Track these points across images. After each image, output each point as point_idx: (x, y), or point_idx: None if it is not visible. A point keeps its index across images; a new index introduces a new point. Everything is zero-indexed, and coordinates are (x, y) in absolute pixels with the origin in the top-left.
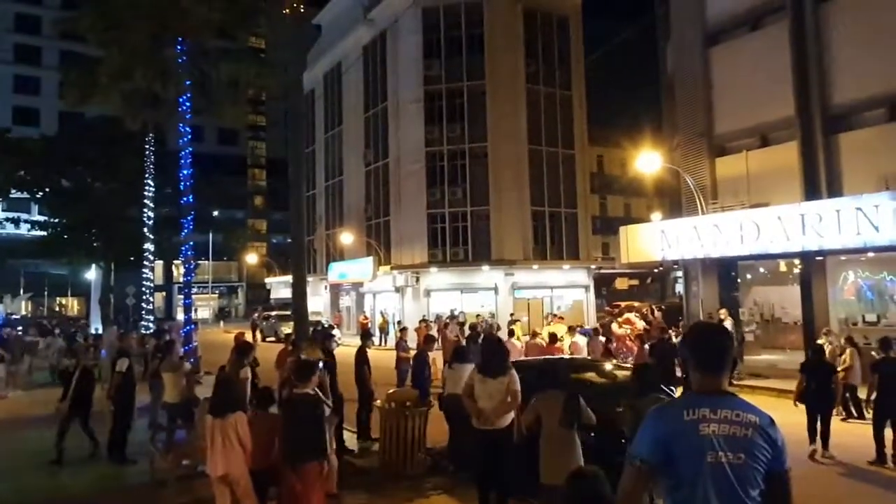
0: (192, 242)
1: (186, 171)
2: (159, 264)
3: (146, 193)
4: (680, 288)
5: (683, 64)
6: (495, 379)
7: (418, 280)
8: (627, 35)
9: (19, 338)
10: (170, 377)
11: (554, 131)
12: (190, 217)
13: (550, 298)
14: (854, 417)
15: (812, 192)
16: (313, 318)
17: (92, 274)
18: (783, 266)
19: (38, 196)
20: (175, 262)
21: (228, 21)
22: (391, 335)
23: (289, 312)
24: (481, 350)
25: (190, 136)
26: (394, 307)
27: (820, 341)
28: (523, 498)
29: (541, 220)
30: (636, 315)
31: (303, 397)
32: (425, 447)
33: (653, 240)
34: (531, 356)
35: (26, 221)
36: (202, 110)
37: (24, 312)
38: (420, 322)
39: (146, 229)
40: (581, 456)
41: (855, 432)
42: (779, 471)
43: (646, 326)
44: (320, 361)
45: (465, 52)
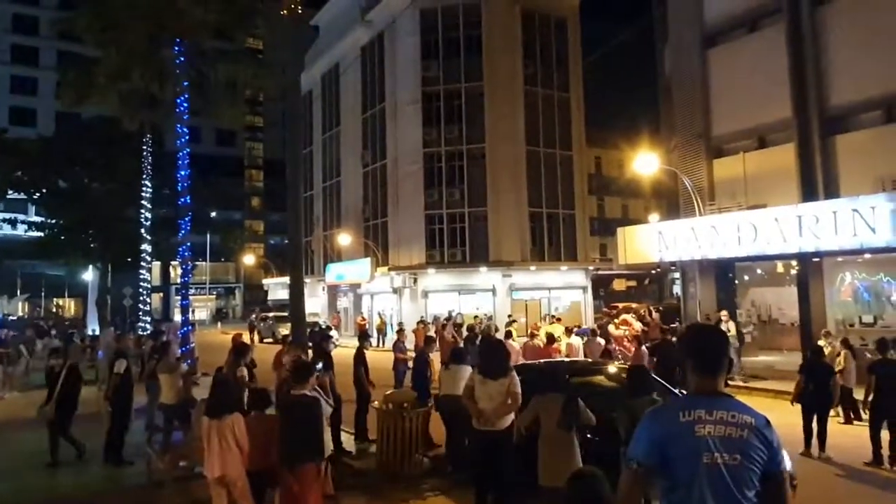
0: (190, 243)
1: (184, 172)
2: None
3: (143, 194)
4: (677, 289)
5: (681, 66)
6: (496, 380)
7: (416, 281)
8: (625, 37)
9: (16, 338)
10: (166, 378)
11: (552, 133)
12: (187, 218)
13: (548, 300)
14: (852, 421)
15: (809, 194)
16: (311, 320)
17: (89, 275)
18: (780, 267)
19: (35, 197)
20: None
21: (226, 22)
22: (389, 336)
23: (286, 314)
24: (481, 351)
25: (187, 137)
26: (391, 308)
27: (820, 342)
28: (522, 499)
29: (538, 222)
30: (633, 316)
31: (300, 398)
32: (423, 448)
33: (650, 241)
34: (529, 357)
35: (23, 222)
36: (200, 111)
37: (21, 313)
38: (418, 323)
39: (143, 230)
40: (579, 458)
41: (852, 433)
42: (775, 472)
43: (643, 328)
44: (320, 362)
45: (463, 54)
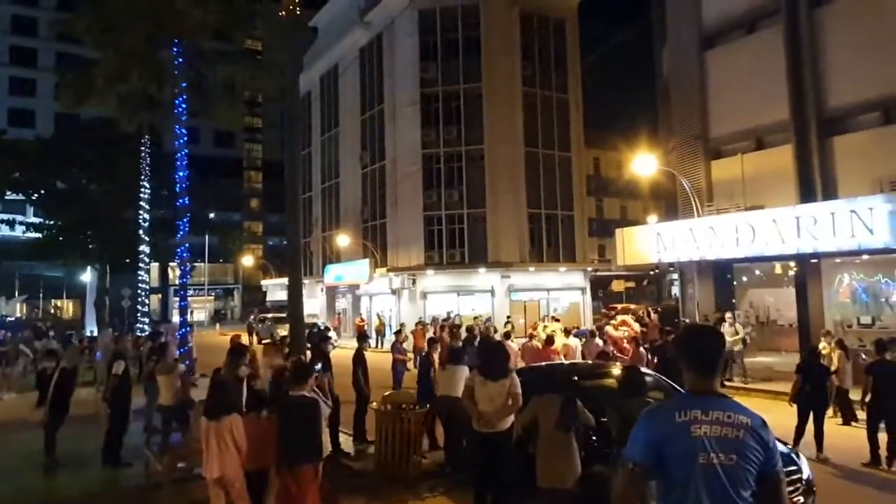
0: (188, 244)
1: (182, 173)
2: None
3: (142, 195)
4: (676, 290)
5: (679, 67)
6: (496, 381)
7: (415, 282)
8: (624, 38)
9: (14, 339)
10: (164, 379)
11: (550, 134)
12: (186, 219)
13: (547, 301)
14: (850, 422)
15: (807, 195)
16: (309, 321)
17: (87, 276)
18: (778, 268)
19: (34, 198)
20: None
21: (225, 23)
22: (388, 337)
23: (285, 315)
24: (481, 353)
25: (186, 138)
26: (389, 310)
27: (822, 344)
28: (521, 500)
29: (537, 223)
30: (632, 317)
31: (298, 399)
32: (427, 449)
33: (649, 242)
34: (527, 358)
35: (21, 223)
36: (198, 112)
37: (19, 314)
38: (416, 324)
39: (142, 231)
40: (578, 459)
41: (850, 435)
42: (770, 472)
43: (642, 329)
44: (318, 363)
45: (462, 55)
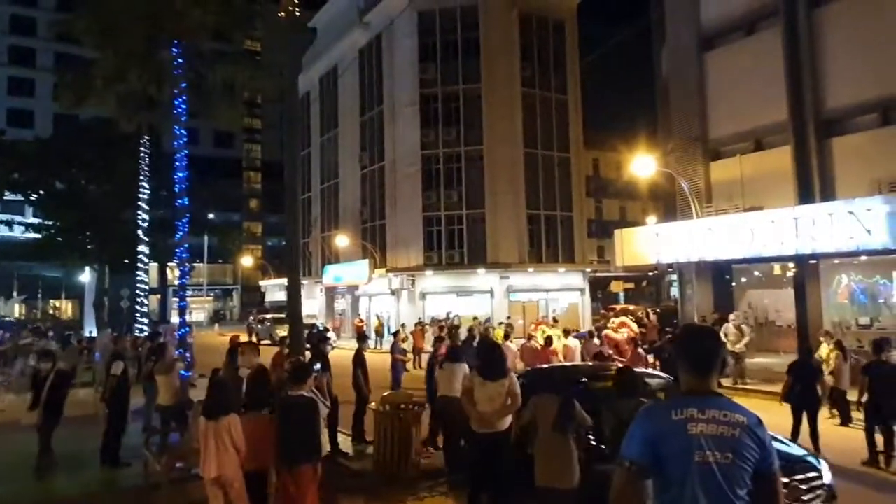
0: (187, 245)
1: (181, 174)
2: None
3: (141, 196)
4: (675, 291)
5: (678, 68)
6: (495, 382)
7: (414, 283)
8: (623, 39)
9: (13, 340)
10: (163, 380)
11: (549, 135)
12: (185, 219)
13: (546, 301)
14: (848, 423)
15: (805, 196)
16: (308, 322)
17: (86, 276)
18: (777, 269)
19: (33, 198)
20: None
21: (224, 23)
22: (387, 338)
23: (284, 315)
24: (479, 353)
25: (185, 139)
26: (388, 311)
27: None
28: (520, 500)
29: (536, 224)
30: (631, 318)
31: (297, 399)
32: (420, 450)
33: (648, 243)
34: (526, 359)
35: (20, 224)
36: (198, 113)
37: (18, 315)
38: (416, 325)
39: (141, 231)
40: (576, 459)
41: (847, 435)
42: (767, 470)
43: (641, 329)
44: (317, 363)
45: (461, 56)
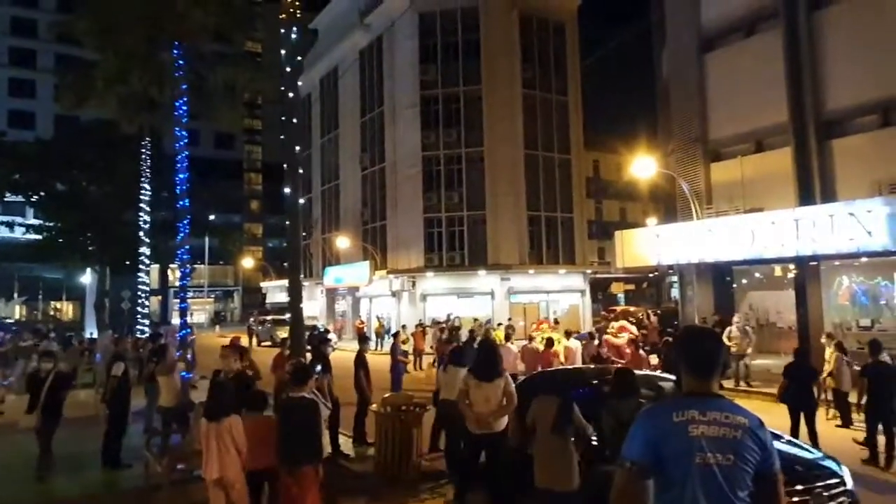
0: (188, 246)
1: (182, 175)
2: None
3: (142, 197)
4: (675, 293)
5: (678, 69)
6: (491, 382)
7: (414, 284)
8: (623, 41)
9: (14, 341)
10: (165, 381)
11: (550, 136)
12: (186, 221)
13: (546, 303)
14: (849, 425)
15: (806, 198)
16: (309, 323)
17: (87, 278)
18: (778, 271)
19: (33, 199)
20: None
21: (225, 25)
22: (388, 340)
23: (284, 317)
24: (475, 354)
25: (186, 140)
26: (390, 312)
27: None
28: (519, 501)
29: (537, 225)
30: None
31: (299, 401)
32: (422, 452)
33: (648, 244)
34: (527, 360)
35: (21, 225)
36: (198, 114)
37: (18, 316)
38: (417, 326)
39: (142, 233)
40: (575, 461)
41: (848, 437)
42: (768, 472)
43: (642, 331)
44: (318, 365)
45: (462, 57)
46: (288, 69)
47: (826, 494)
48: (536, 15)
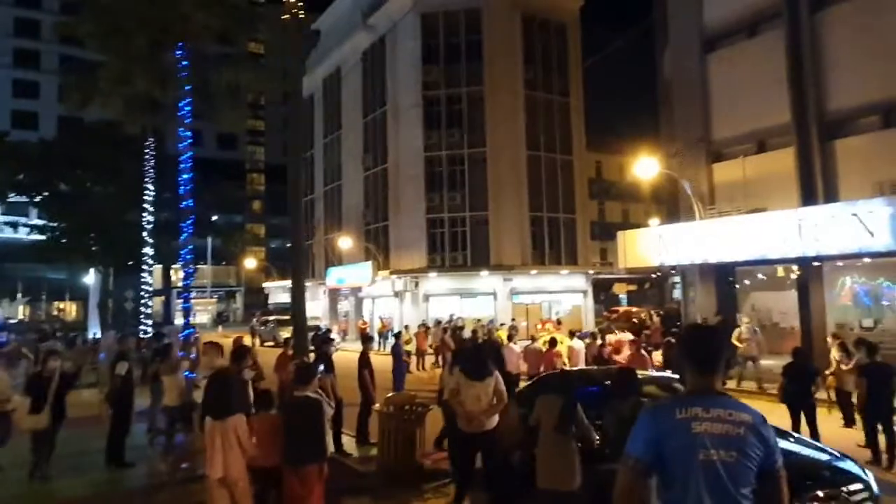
0: (191, 247)
1: (186, 176)
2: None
3: (145, 197)
4: (678, 293)
5: (681, 70)
6: (482, 381)
7: (417, 285)
8: (625, 41)
9: (18, 341)
10: (169, 380)
11: (552, 137)
12: (189, 221)
13: (549, 304)
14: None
15: (808, 198)
16: (312, 323)
17: (90, 278)
18: (780, 271)
19: (37, 200)
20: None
21: (228, 26)
22: (390, 340)
23: (287, 317)
24: (468, 353)
25: (189, 141)
26: (392, 312)
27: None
28: (521, 501)
29: (539, 226)
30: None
31: (303, 400)
32: (424, 451)
33: (651, 245)
34: (530, 361)
35: (25, 225)
36: (202, 115)
37: (22, 317)
38: (419, 327)
39: (145, 233)
40: (577, 462)
41: (851, 437)
42: (771, 469)
43: (645, 332)
44: (321, 365)
45: (464, 58)
46: (290, 72)
47: (854, 499)
48: (538, 16)
